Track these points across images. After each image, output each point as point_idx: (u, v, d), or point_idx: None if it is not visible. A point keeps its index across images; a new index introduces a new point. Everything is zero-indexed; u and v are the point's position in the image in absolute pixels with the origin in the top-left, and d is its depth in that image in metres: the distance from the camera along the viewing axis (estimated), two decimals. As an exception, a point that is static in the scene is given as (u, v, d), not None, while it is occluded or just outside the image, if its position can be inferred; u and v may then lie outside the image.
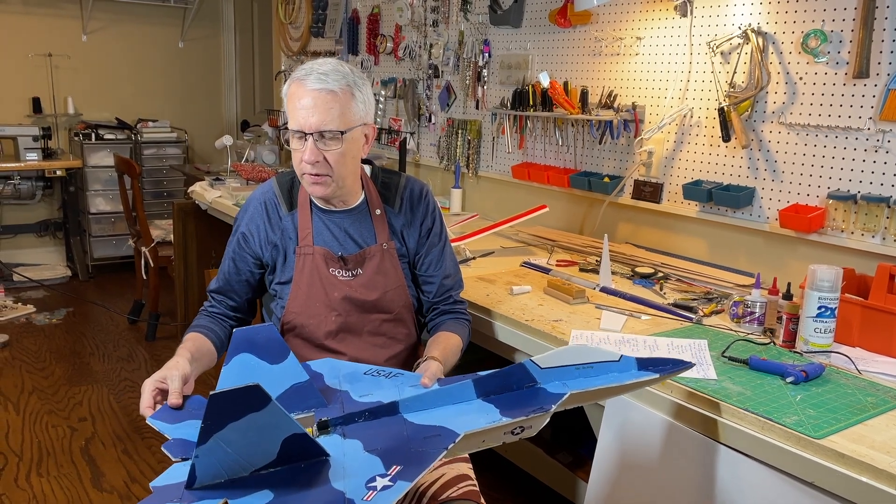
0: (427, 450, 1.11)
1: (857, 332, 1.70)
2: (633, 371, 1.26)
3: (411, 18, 3.64)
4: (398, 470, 1.07)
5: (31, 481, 2.62)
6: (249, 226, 1.70)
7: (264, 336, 1.34)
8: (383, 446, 1.14)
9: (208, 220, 3.73)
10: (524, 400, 1.22)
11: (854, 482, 1.18)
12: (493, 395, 1.25)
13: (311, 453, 1.10)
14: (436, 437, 1.14)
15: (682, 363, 1.29)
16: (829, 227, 2.07)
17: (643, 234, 2.66)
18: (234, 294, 1.73)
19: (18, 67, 5.05)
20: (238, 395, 0.98)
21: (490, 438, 1.20)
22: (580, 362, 1.25)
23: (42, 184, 5.04)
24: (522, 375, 1.25)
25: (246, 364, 1.32)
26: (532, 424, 1.19)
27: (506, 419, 1.16)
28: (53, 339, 4.00)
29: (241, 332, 1.35)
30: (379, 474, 1.06)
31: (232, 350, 1.34)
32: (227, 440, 1.01)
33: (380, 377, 1.43)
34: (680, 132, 2.46)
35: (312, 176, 1.57)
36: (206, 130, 5.77)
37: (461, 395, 1.25)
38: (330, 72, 1.53)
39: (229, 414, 0.99)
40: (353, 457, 1.12)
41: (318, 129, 1.52)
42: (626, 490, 1.58)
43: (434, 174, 3.69)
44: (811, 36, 2.05)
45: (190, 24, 5.63)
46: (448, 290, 1.75)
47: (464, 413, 1.21)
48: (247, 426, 1.01)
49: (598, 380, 1.24)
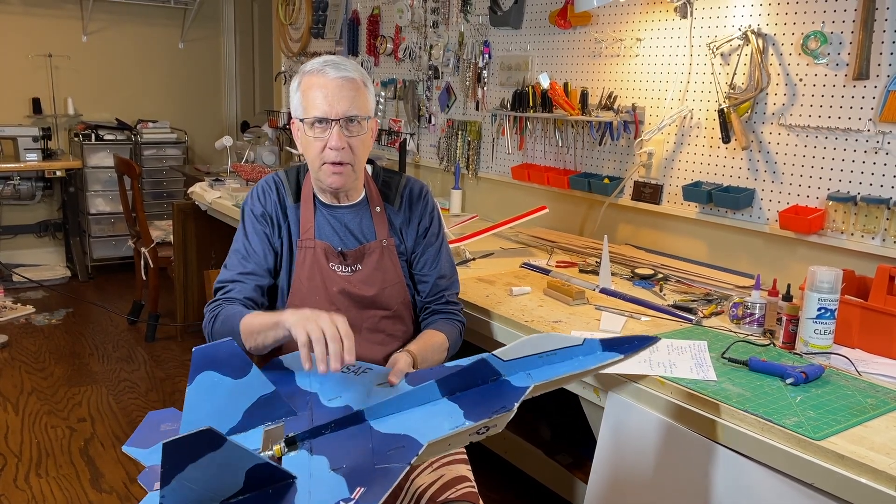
0: (391, 465, 1.11)
1: (857, 333, 1.70)
2: (598, 353, 1.24)
3: (411, 19, 3.64)
4: (361, 492, 1.07)
5: (30, 482, 2.61)
6: (266, 206, 1.68)
7: (225, 352, 1.32)
8: (349, 464, 1.14)
9: (208, 220, 3.73)
10: (489, 396, 1.21)
11: (854, 483, 1.18)
12: (458, 393, 1.24)
13: (276, 478, 1.10)
14: (399, 449, 1.14)
15: (648, 339, 1.27)
16: (829, 228, 2.07)
17: (643, 236, 2.66)
18: (260, 272, 1.64)
19: (18, 68, 5.05)
20: (192, 441, 0.98)
21: (455, 442, 1.20)
22: (543, 350, 1.23)
23: (42, 184, 5.04)
24: (485, 370, 1.24)
25: (210, 382, 1.29)
26: (497, 423, 1.19)
27: (469, 423, 1.16)
28: (53, 339, 4.00)
29: (201, 350, 1.31)
30: (343, 499, 1.06)
31: (194, 369, 1.30)
32: (190, 479, 1.00)
33: (349, 373, 1.43)
34: (680, 133, 2.46)
35: (334, 165, 1.58)
36: (206, 131, 5.77)
37: (426, 396, 1.24)
38: (343, 62, 1.57)
39: (187, 457, 0.98)
40: (318, 478, 1.12)
41: (345, 114, 1.54)
42: (626, 491, 1.58)
43: (434, 175, 3.69)
44: (811, 37, 2.05)
45: (190, 25, 5.63)
46: (441, 291, 1.75)
47: (429, 416, 1.21)
48: (207, 464, 1.00)
49: (562, 367, 1.23)
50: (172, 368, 3.66)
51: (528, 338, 1.24)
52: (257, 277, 1.64)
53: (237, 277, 1.63)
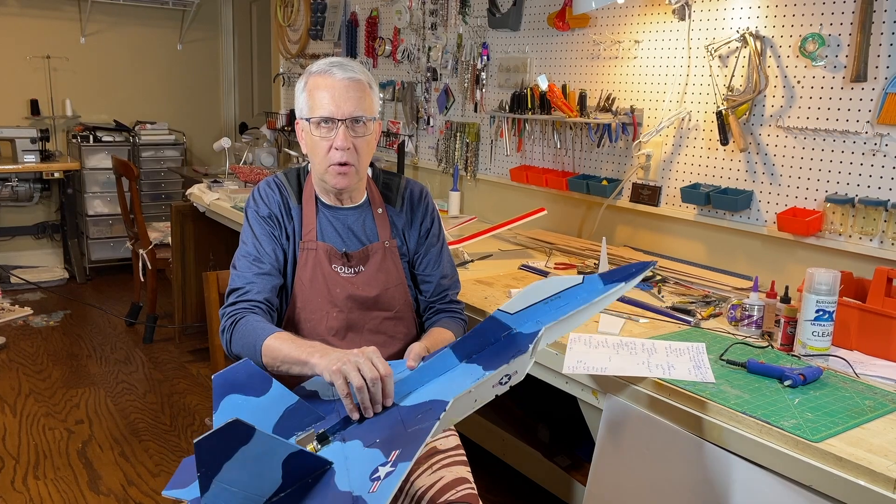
0: (421, 426, 1.12)
1: (855, 335, 1.71)
2: (600, 287, 1.25)
3: (410, 21, 3.65)
4: (397, 454, 1.08)
5: (27, 484, 2.61)
6: (271, 207, 1.67)
7: (244, 373, 1.33)
8: (381, 437, 1.15)
9: (206, 222, 3.72)
10: (504, 349, 1.22)
11: (852, 486, 1.18)
12: (474, 355, 1.25)
13: (314, 467, 1.10)
14: (428, 412, 1.15)
15: (644, 264, 1.28)
16: (827, 230, 2.07)
17: (641, 237, 2.66)
18: (273, 273, 1.62)
19: (17, 69, 5.05)
20: (222, 435, 0.98)
21: (481, 396, 1.21)
22: (547, 296, 1.24)
23: (40, 186, 5.03)
24: (496, 327, 1.25)
25: (234, 405, 1.31)
26: (517, 369, 1.20)
27: (489, 372, 1.17)
28: (51, 341, 4.00)
29: (220, 376, 1.33)
30: (381, 464, 1.07)
31: (217, 395, 1.32)
32: (228, 480, 1.00)
33: None
34: (678, 135, 2.47)
35: (339, 166, 1.58)
36: (204, 133, 5.77)
37: (444, 365, 1.26)
38: (350, 63, 1.59)
39: (220, 455, 0.99)
40: (354, 457, 1.13)
41: (352, 115, 1.55)
42: (624, 493, 1.58)
43: (432, 177, 3.69)
44: (809, 40, 2.05)
45: (188, 27, 5.63)
46: (445, 290, 1.76)
47: (451, 381, 1.22)
48: (242, 460, 1.00)
49: (568, 306, 1.23)
50: (170, 370, 3.66)
51: (531, 285, 1.26)
52: (272, 278, 1.63)
53: (253, 279, 1.60)
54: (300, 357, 1.40)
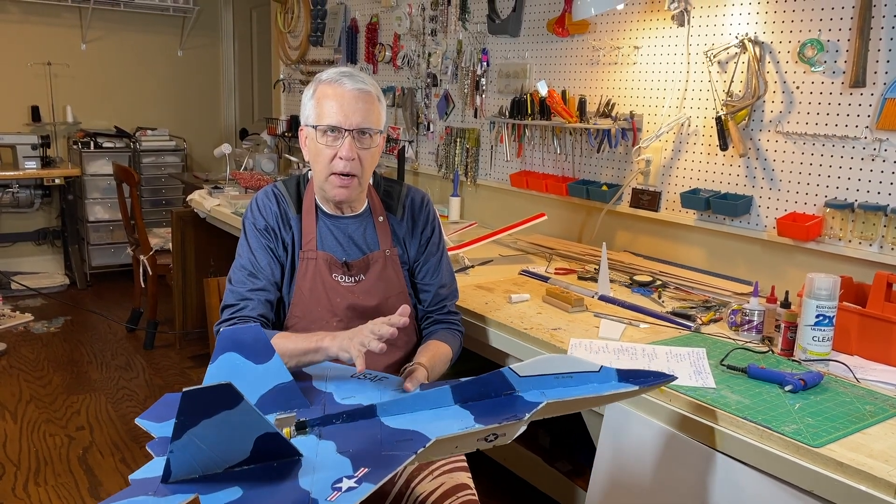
0: (397, 453, 1.12)
1: (855, 340, 1.71)
2: (613, 382, 1.25)
3: (410, 27, 3.65)
4: (365, 472, 1.08)
5: (28, 490, 2.61)
6: (268, 219, 1.67)
7: (251, 336, 1.36)
8: (355, 448, 1.15)
9: (207, 228, 3.73)
10: (500, 407, 1.23)
11: (852, 491, 1.18)
12: (470, 402, 1.26)
13: (283, 452, 1.11)
14: (407, 441, 1.15)
15: (664, 376, 1.28)
16: (827, 235, 2.07)
17: (641, 243, 2.66)
18: (269, 288, 1.62)
19: (17, 76, 5.06)
20: (211, 393, 1.00)
21: (463, 444, 1.21)
22: (559, 371, 1.25)
23: (40, 192, 5.04)
24: (500, 383, 1.26)
25: (231, 363, 1.34)
26: (506, 432, 1.20)
27: (479, 426, 1.17)
28: (51, 347, 4.00)
29: (229, 331, 1.36)
30: (346, 475, 1.08)
31: (218, 349, 1.35)
32: (200, 436, 1.02)
33: (365, 380, 1.45)
34: (678, 141, 2.47)
35: (342, 178, 1.59)
36: (204, 139, 5.78)
37: (439, 400, 1.26)
38: (359, 74, 1.60)
39: (202, 411, 1.00)
40: (324, 457, 1.14)
41: (359, 126, 1.56)
42: (625, 499, 1.58)
43: (432, 182, 3.69)
44: (808, 45, 2.06)
45: (189, 33, 5.64)
46: (443, 300, 1.76)
47: (439, 418, 1.22)
48: (220, 423, 1.02)
49: (576, 390, 1.24)
50: (171, 376, 3.66)
51: (547, 356, 1.26)
52: (267, 293, 1.63)
53: (248, 295, 1.61)
54: (309, 346, 1.43)
